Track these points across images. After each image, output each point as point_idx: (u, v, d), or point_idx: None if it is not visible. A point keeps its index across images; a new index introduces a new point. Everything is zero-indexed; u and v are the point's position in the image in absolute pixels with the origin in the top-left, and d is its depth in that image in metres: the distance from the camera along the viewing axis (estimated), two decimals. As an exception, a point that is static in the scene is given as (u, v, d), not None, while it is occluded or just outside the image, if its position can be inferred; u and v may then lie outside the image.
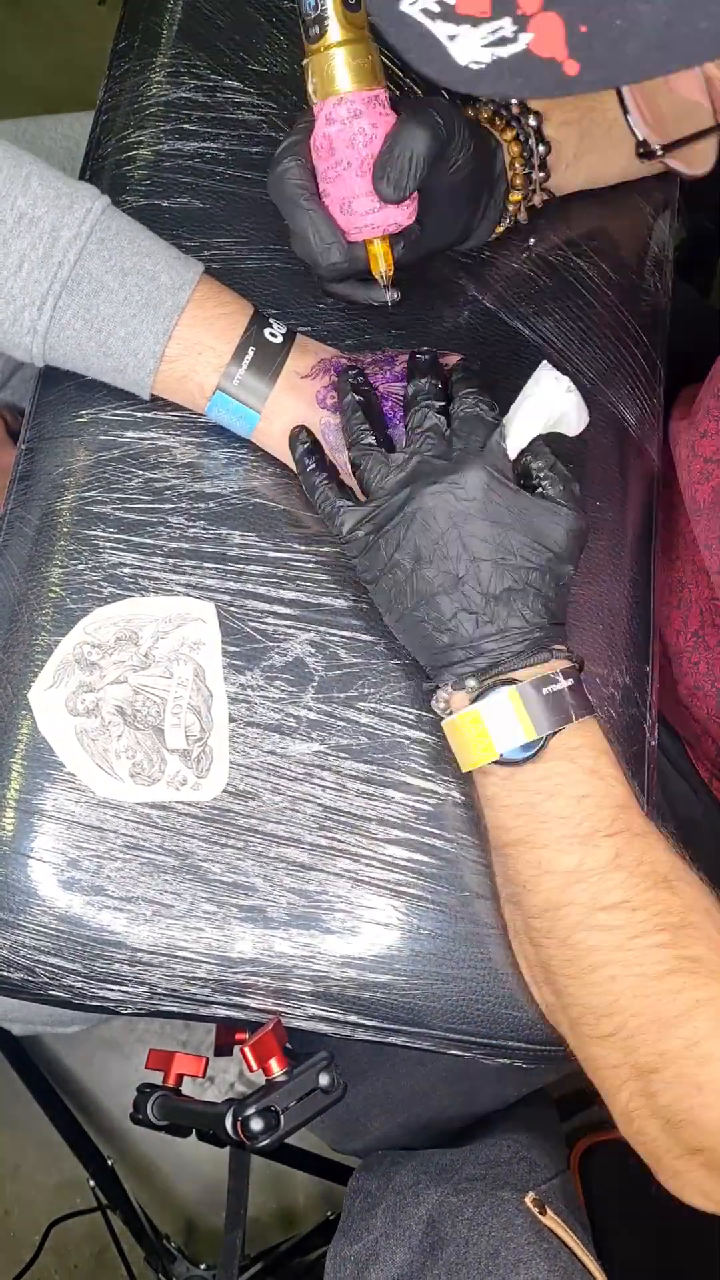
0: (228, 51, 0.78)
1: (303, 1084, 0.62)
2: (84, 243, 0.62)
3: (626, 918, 0.58)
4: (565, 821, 0.59)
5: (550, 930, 0.60)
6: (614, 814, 0.60)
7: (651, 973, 0.57)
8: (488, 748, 0.60)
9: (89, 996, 0.66)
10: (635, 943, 0.58)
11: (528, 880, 0.61)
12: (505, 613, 0.60)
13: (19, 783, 0.65)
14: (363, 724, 0.68)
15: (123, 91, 0.78)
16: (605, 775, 0.60)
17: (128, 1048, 1.44)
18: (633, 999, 0.58)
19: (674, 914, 0.58)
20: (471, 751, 0.61)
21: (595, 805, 0.60)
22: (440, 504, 0.60)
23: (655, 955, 0.57)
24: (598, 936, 0.58)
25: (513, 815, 0.61)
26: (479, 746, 0.60)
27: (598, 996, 0.59)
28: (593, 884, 0.59)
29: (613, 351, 0.78)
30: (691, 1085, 0.57)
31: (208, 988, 0.66)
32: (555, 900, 0.59)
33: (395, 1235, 0.74)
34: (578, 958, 0.59)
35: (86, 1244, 1.38)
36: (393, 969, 0.66)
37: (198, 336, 0.65)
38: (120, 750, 0.66)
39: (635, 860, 0.59)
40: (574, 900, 0.59)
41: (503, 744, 0.59)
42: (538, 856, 0.60)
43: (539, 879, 0.60)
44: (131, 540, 0.69)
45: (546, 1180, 0.78)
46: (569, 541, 0.61)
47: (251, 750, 0.67)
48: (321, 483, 0.64)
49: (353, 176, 0.62)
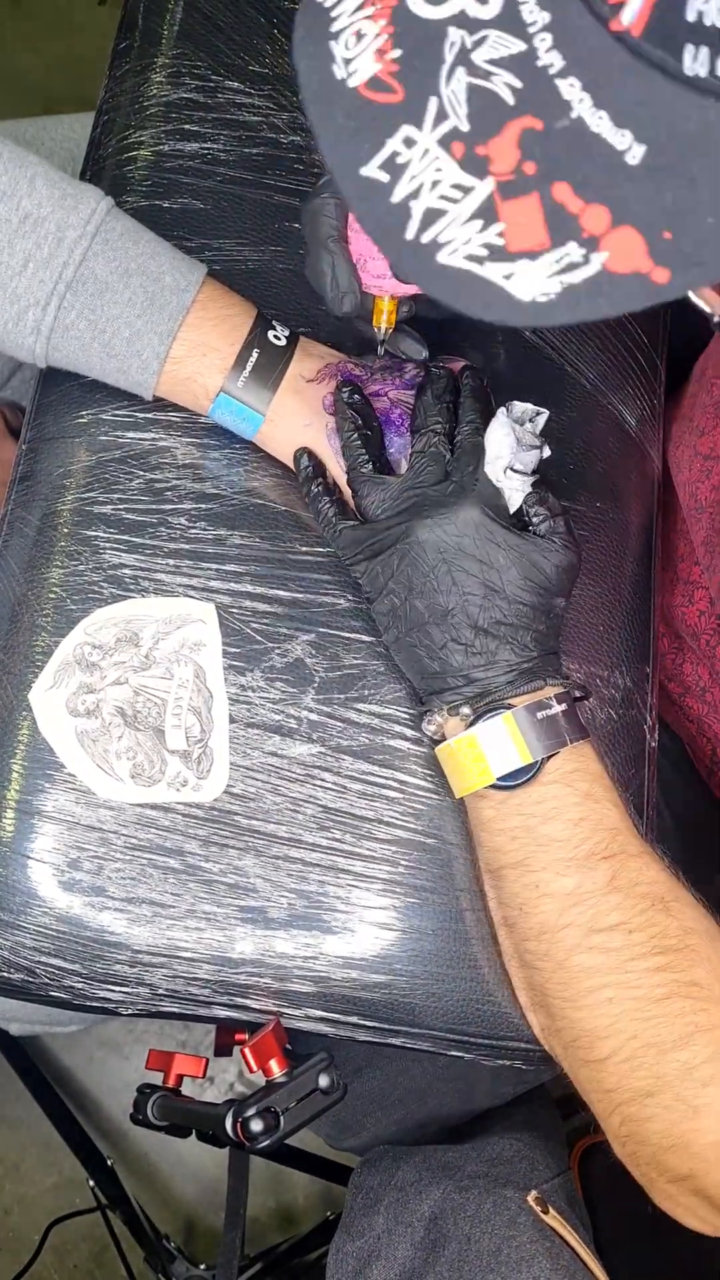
0: (228, 52, 0.78)
1: (303, 1085, 0.62)
2: (89, 243, 0.62)
3: (624, 940, 0.58)
4: (562, 844, 0.60)
5: (547, 953, 0.60)
6: (610, 836, 0.60)
7: (650, 996, 0.58)
8: (484, 771, 0.60)
9: (89, 997, 0.66)
10: (633, 965, 0.58)
11: (524, 903, 0.61)
12: (495, 645, 0.61)
13: (19, 784, 0.65)
14: (363, 725, 0.68)
15: (123, 92, 0.78)
16: (600, 799, 0.61)
17: (127, 1048, 1.44)
18: (630, 1022, 0.58)
19: (671, 936, 0.59)
20: (467, 776, 0.61)
21: (592, 828, 0.60)
22: (431, 538, 0.60)
23: (653, 979, 0.58)
24: (595, 958, 0.59)
25: (509, 838, 0.61)
26: (475, 771, 0.61)
27: (595, 1019, 0.59)
28: (590, 906, 0.59)
29: (613, 351, 0.78)
30: (688, 1109, 0.57)
31: (208, 988, 0.66)
32: (552, 923, 0.60)
33: (397, 1232, 0.74)
34: (574, 980, 0.59)
35: (86, 1244, 1.38)
36: (393, 969, 0.66)
37: (202, 338, 0.65)
38: (121, 751, 0.66)
39: (632, 882, 0.59)
40: (572, 922, 0.59)
41: (499, 768, 0.60)
42: (535, 879, 0.60)
43: (537, 901, 0.60)
44: (132, 541, 0.69)
45: (549, 1179, 0.78)
46: (559, 577, 0.62)
47: (252, 751, 0.67)
48: (325, 507, 0.65)
49: None
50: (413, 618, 0.62)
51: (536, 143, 0.36)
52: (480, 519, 0.60)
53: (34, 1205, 1.40)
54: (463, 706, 0.61)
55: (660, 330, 0.81)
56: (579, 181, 0.36)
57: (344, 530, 0.64)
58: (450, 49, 0.37)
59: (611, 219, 0.36)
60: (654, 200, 0.35)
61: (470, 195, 0.38)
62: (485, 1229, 0.71)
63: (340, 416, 0.65)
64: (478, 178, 0.37)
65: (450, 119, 0.37)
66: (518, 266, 0.37)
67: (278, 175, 0.76)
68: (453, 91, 0.37)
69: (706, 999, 0.57)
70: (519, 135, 0.37)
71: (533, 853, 0.60)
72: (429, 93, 0.38)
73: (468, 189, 0.38)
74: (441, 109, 0.38)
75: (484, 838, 0.63)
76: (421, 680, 0.64)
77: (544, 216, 0.37)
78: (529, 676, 0.61)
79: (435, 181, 0.38)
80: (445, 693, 0.62)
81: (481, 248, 0.38)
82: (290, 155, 0.77)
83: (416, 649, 0.62)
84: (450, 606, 0.61)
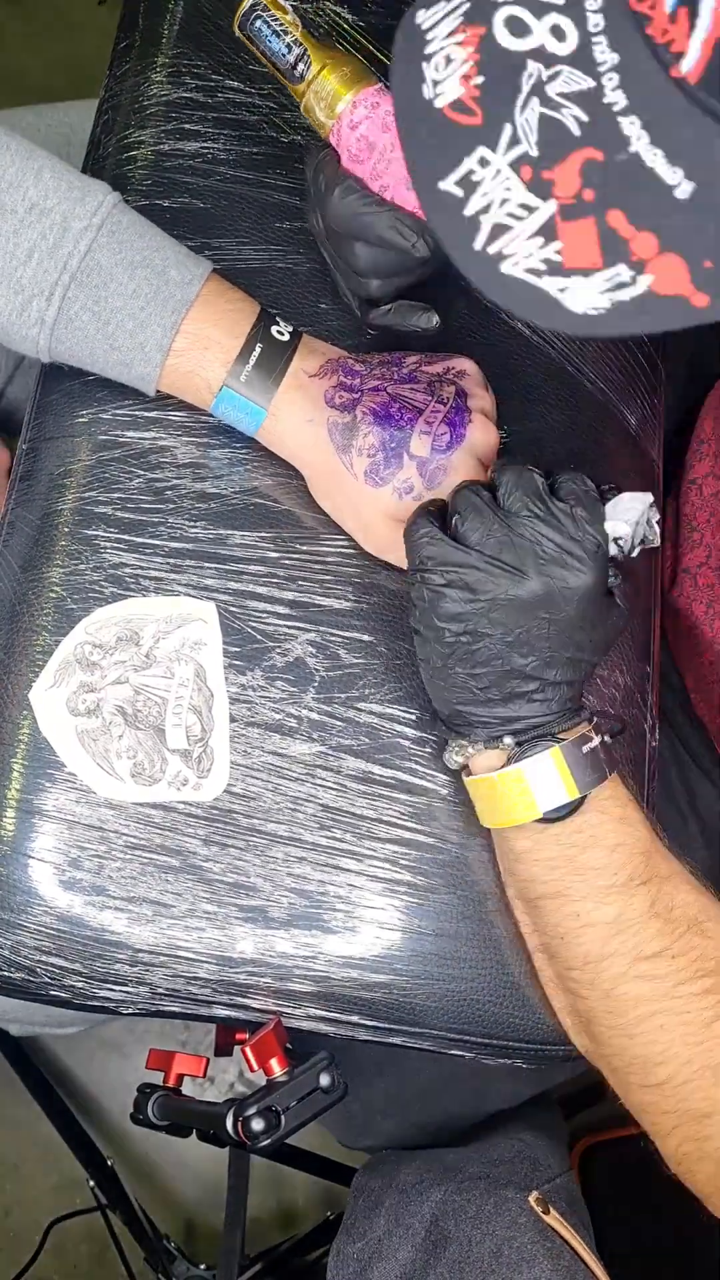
0: (228, 52, 0.78)
1: (303, 1084, 0.62)
2: (94, 235, 0.62)
3: (669, 966, 0.59)
4: (601, 872, 0.60)
5: (593, 982, 0.60)
6: (645, 860, 0.60)
7: (699, 1020, 0.58)
8: (530, 806, 0.59)
9: (90, 997, 0.66)
10: (679, 990, 0.58)
11: (566, 933, 0.61)
12: (553, 692, 0.60)
13: (20, 783, 0.65)
14: (363, 724, 0.68)
15: (123, 91, 0.78)
16: (634, 821, 0.61)
17: (128, 1048, 1.44)
18: (683, 1047, 0.58)
19: (711, 958, 0.59)
20: (509, 810, 0.60)
21: (628, 854, 0.60)
22: (543, 595, 0.57)
23: (701, 1003, 0.58)
24: (643, 987, 0.59)
25: (547, 869, 0.61)
26: (519, 805, 0.60)
27: (647, 1046, 0.59)
28: (633, 934, 0.59)
29: (613, 351, 0.78)
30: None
31: (209, 988, 0.66)
32: (597, 953, 0.60)
33: (398, 1233, 0.74)
34: (623, 1009, 0.60)
35: (86, 1244, 1.38)
36: (394, 969, 0.66)
37: (205, 332, 0.65)
38: (121, 750, 0.66)
39: (668, 906, 0.60)
40: (616, 951, 0.59)
41: (545, 803, 0.59)
42: (576, 909, 0.60)
43: (579, 931, 0.60)
44: (132, 540, 0.69)
45: (550, 1180, 0.78)
46: (615, 638, 0.62)
47: (252, 750, 0.67)
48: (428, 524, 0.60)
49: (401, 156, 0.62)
50: (477, 657, 0.58)
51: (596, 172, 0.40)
52: (598, 588, 0.59)
53: (34, 1205, 1.40)
54: (505, 737, 0.60)
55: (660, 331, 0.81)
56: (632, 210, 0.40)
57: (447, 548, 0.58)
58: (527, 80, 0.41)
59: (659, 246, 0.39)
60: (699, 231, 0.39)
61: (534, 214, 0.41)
62: (486, 1230, 0.71)
63: None
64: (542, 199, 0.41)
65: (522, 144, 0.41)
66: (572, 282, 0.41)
67: (278, 175, 0.76)
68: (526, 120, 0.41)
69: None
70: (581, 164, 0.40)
71: (572, 883, 0.60)
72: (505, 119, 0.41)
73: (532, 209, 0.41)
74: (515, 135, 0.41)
75: (519, 869, 0.63)
76: (449, 710, 0.61)
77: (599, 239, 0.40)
78: (570, 715, 0.60)
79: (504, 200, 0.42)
80: (479, 729, 0.61)
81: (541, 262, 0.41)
82: (290, 154, 0.77)
83: (459, 687, 0.60)
84: (527, 665, 0.58)
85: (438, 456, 0.65)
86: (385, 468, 0.65)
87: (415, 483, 0.65)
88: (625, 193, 0.40)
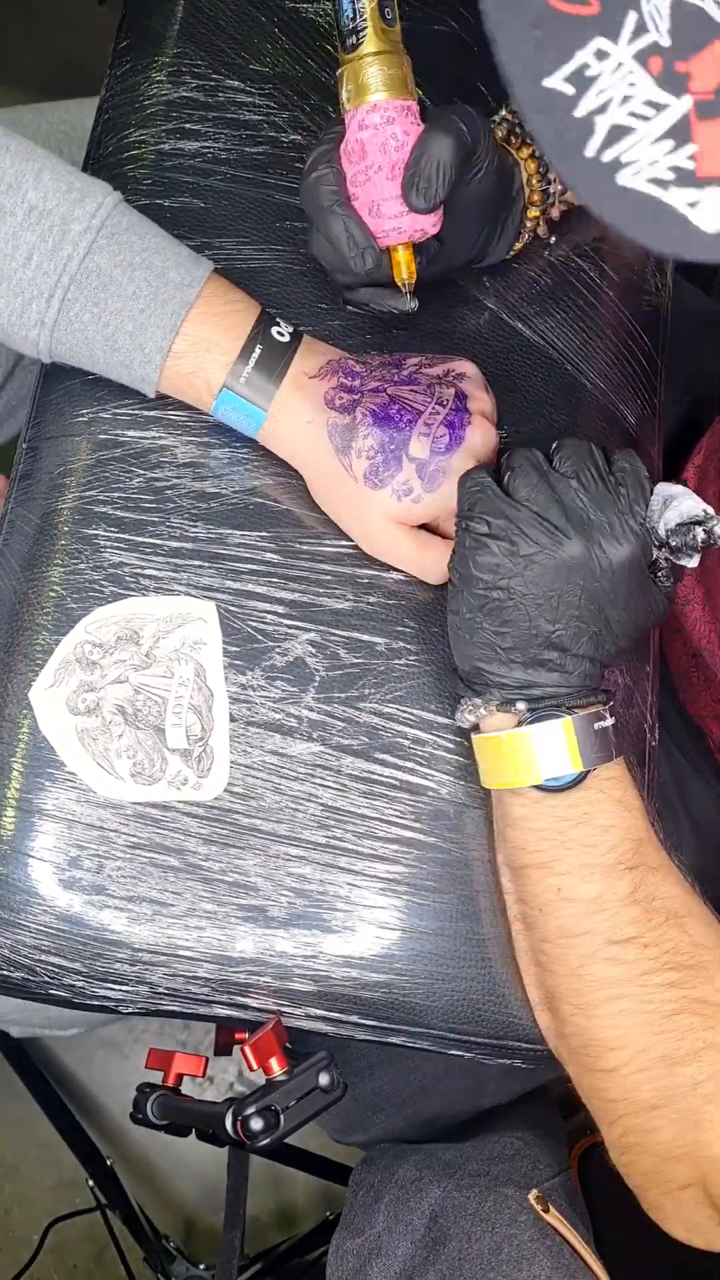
0: (229, 51, 0.78)
1: (303, 1083, 0.62)
2: (94, 236, 0.62)
3: (638, 953, 0.59)
4: (590, 850, 0.60)
5: (562, 957, 0.60)
6: (635, 847, 0.60)
7: (661, 1011, 0.58)
8: (530, 771, 0.60)
9: (89, 996, 0.66)
10: (646, 979, 0.58)
11: (545, 904, 0.61)
12: (574, 665, 0.60)
13: (20, 782, 0.66)
14: (363, 724, 0.68)
15: (124, 91, 0.78)
16: (631, 807, 0.61)
17: (127, 1047, 1.44)
18: (641, 1035, 0.58)
19: (684, 953, 0.59)
20: (510, 772, 0.61)
21: (620, 836, 0.60)
22: (581, 560, 0.58)
23: (665, 994, 0.58)
24: (610, 969, 0.59)
25: (538, 838, 0.61)
26: (520, 768, 0.60)
27: (605, 1029, 0.59)
28: (610, 915, 0.59)
29: (613, 351, 0.78)
30: (692, 1122, 0.58)
31: (208, 987, 0.66)
32: (571, 928, 0.60)
33: (398, 1230, 0.74)
34: (587, 989, 0.60)
35: (86, 1244, 1.38)
36: (393, 969, 0.66)
37: (205, 333, 0.65)
38: (121, 750, 0.66)
39: (650, 896, 0.60)
40: (591, 930, 0.59)
41: (547, 771, 0.59)
42: (559, 882, 0.60)
43: (558, 904, 0.60)
44: (132, 539, 0.69)
45: (549, 1178, 0.78)
46: (651, 625, 0.62)
47: (252, 750, 0.67)
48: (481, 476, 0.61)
49: (383, 180, 0.62)
50: (511, 616, 0.59)
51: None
52: (637, 564, 0.59)
53: (34, 1205, 1.40)
54: (519, 702, 0.60)
55: (660, 330, 0.82)
56: None
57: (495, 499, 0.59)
58: None
59: None
60: None
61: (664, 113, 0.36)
62: (486, 1227, 0.72)
63: None
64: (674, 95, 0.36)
65: (650, 33, 0.35)
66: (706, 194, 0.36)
67: (278, 174, 0.76)
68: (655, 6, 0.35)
69: (717, 1016, 0.58)
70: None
71: (560, 855, 0.60)
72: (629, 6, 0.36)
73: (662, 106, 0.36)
74: (641, 22, 0.35)
75: (511, 834, 0.63)
76: (472, 669, 0.61)
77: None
78: (588, 691, 0.61)
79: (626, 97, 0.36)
80: (495, 690, 0.61)
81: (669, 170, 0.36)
82: (290, 154, 0.77)
83: (491, 644, 0.60)
84: (556, 629, 0.59)
85: (437, 458, 0.65)
86: (384, 469, 0.65)
87: (414, 485, 0.65)
88: None
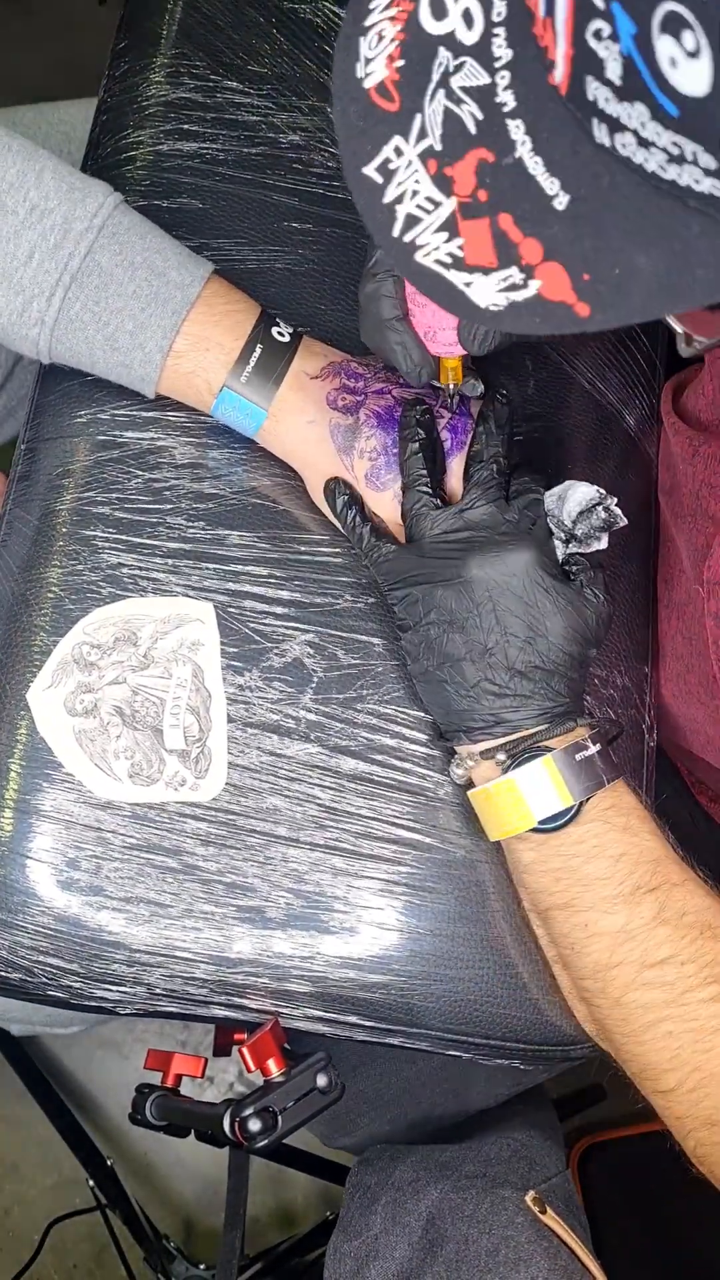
0: (228, 52, 0.78)
1: (300, 1084, 0.62)
2: (95, 236, 0.62)
3: (676, 973, 0.59)
4: (606, 882, 0.60)
5: (602, 990, 0.61)
6: (652, 868, 0.60)
7: (707, 1027, 0.58)
8: (525, 815, 0.60)
9: (87, 997, 0.66)
10: (688, 998, 0.58)
11: (575, 943, 0.61)
12: (529, 688, 0.61)
13: (18, 783, 0.65)
14: (361, 724, 0.68)
15: (123, 91, 0.78)
16: (639, 831, 0.61)
17: (127, 1048, 1.44)
18: (692, 1054, 0.58)
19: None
20: (506, 820, 0.61)
21: (634, 863, 0.60)
22: (483, 575, 0.60)
23: (709, 1009, 0.58)
24: (650, 994, 0.59)
25: (553, 879, 0.61)
26: (515, 815, 0.60)
27: (656, 1053, 0.60)
28: (640, 942, 0.59)
29: (612, 351, 0.78)
30: None
31: (206, 988, 0.66)
32: (604, 961, 0.60)
33: (395, 1231, 0.74)
34: (632, 1016, 0.60)
35: (86, 1243, 1.38)
36: (391, 969, 0.66)
37: (205, 333, 0.65)
38: (119, 750, 0.66)
39: (678, 912, 0.60)
40: (623, 960, 0.59)
41: (540, 811, 0.60)
42: (583, 919, 0.60)
43: (587, 941, 0.61)
44: (130, 541, 0.69)
45: (547, 1179, 0.78)
46: (599, 628, 0.63)
47: (250, 751, 0.67)
48: (366, 533, 0.64)
49: (438, 309, 0.61)
50: (449, 651, 0.61)
51: (488, 173, 0.39)
52: (535, 563, 0.61)
53: (34, 1205, 1.40)
54: (498, 752, 0.61)
55: (660, 330, 0.81)
56: (519, 215, 0.39)
57: (389, 555, 0.63)
58: (437, 69, 0.39)
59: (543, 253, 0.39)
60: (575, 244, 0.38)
61: (439, 209, 0.41)
62: (483, 1229, 0.71)
63: (405, 431, 0.64)
64: (445, 195, 0.40)
65: (429, 138, 0.40)
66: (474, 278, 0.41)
67: (277, 175, 0.76)
68: (433, 111, 0.40)
69: None
70: (476, 164, 0.39)
71: (578, 894, 0.61)
72: (417, 109, 0.40)
73: (437, 203, 0.41)
74: (424, 126, 0.40)
75: (527, 880, 0.63)
76: (446, 716, 0.63)
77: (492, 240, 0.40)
78: (562, 719, 0.61)
79: (415, 191, 0.41)
80: (473, 731, 0.62)
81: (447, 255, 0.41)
82: (289, 155, 0.77)
83: (446, 685, 0.62)
84: (490, 645, 0.60)
85: None
86: (386, 471, 0.65)
87: None
88: (513, 197, 0.39)
